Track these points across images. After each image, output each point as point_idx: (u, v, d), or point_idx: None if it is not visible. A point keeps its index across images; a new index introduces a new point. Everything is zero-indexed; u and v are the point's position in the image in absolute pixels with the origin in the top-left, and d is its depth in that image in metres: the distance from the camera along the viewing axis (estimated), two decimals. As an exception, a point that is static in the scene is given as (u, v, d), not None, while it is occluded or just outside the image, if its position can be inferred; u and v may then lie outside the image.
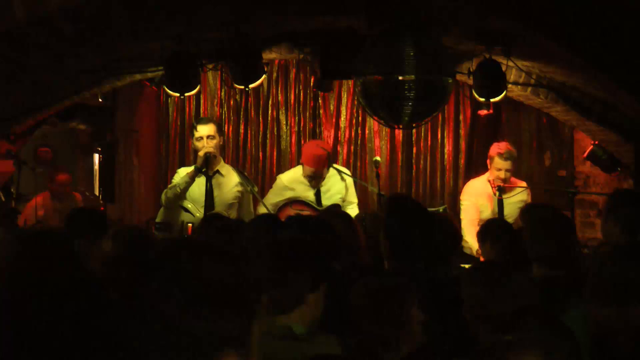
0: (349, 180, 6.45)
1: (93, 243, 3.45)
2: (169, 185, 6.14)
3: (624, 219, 3.90)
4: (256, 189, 6.23)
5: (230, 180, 6.05)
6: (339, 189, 6.34)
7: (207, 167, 5.98)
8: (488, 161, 6.45)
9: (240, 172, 6.19)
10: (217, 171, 6.02)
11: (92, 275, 2.64)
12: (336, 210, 5.70)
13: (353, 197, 6.49)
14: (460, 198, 6.67)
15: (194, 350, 1.38)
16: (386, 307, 2.75)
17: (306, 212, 5.97)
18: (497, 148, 6.36)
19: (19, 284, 2.54)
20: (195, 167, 6.00)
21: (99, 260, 3.24)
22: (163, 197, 6.05)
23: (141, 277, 3.18)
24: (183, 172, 6.10)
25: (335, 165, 6.57)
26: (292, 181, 6.42)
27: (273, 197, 6.41)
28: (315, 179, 6.29)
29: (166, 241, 2.49)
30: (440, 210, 5.85)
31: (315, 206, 6.25)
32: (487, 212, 6.36)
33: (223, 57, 5.99)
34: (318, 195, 6.30)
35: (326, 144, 7.08)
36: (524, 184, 6.64)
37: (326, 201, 6.27)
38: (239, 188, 6.01)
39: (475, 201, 6.41)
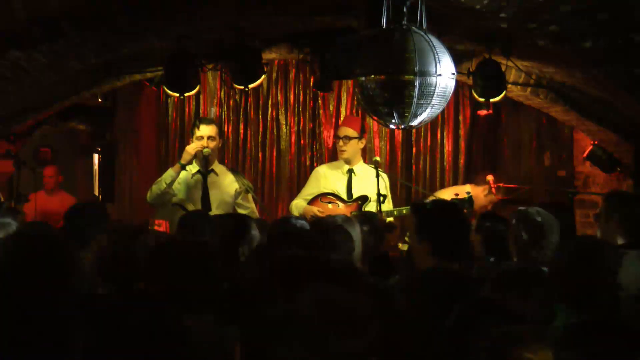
0: (386, 180, 6.37)
1: (93, 238, 3.47)
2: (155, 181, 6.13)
3: (627, 220, 3.93)
4: (252, 186, 6.20)
5: (224, 179, 6.03)
6: (374, 187, 6.23)
7: (206, 168, 5.99)
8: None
9: (234, 172, 6.18)
10: (212, 170, 6.01)
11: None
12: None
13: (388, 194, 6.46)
14: None
15: None
16: None
17: (335, 205, 6.23)
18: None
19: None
20: (180, 164, 5.95)
21: (95, 254, 3.26)
22: (148, 194, 6.04)
23: (134, 274, 3.20)
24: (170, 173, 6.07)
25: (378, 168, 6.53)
26: (327, 169, 6.57)
27: (308, 188, 6.52)
28: (349, 139, 6.35)
29: None
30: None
31: (345, 198, 6.29)
32: None
33: (223, 57, 5.99)
34: (349, 186, 6.34)
35: None
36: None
37: (357, 194, 6.30)
38: (236, 186, 6.00)
39: None
